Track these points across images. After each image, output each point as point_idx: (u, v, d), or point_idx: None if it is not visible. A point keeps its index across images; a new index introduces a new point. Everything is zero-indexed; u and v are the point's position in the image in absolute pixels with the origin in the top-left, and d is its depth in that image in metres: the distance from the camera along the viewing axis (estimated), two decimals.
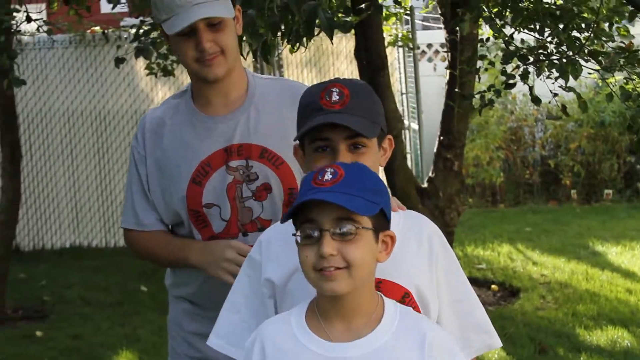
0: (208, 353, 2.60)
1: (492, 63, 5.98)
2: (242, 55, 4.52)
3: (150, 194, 3.06)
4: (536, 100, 5.38)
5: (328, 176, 2.23)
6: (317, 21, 4.15)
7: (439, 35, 10.55)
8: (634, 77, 5.26)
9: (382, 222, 2.29)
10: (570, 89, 5.17)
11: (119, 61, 7.65)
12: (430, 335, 2.27)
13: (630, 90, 5.23)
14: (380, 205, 2.27)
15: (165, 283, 3.27)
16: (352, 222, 2.21)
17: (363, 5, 5.74)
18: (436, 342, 2.27)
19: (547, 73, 5.33)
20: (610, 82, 5.45)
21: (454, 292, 2.58)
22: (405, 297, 2.45)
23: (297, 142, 2.57)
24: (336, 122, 2.38)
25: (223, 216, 2.97)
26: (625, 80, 5.40)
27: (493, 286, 8.14)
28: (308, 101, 2.48)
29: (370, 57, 6.90)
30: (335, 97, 2.41)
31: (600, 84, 5.64)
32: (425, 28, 14.18)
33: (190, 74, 3.05)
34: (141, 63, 9.52)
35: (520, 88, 5.74)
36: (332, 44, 5.67)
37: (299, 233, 2.25)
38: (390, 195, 2.42)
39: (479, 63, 6.43)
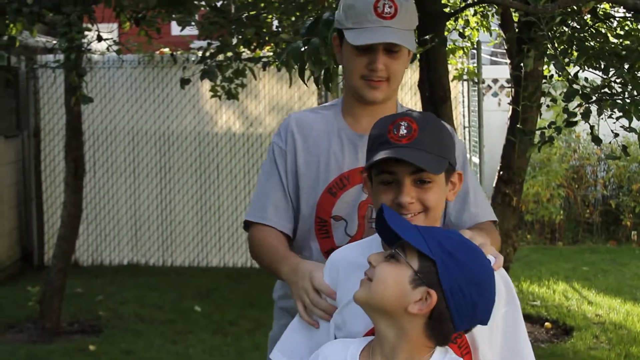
0: None
1: (554, 100, 5.97)
2: (304, 82, 4.59)
3: (288, 190, 3.05)
4: (597, 139, 5.36)
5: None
6: None
7: (505, 71, 10.54)
8: None
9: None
10: (632, 130, 5.15)
11: (184, 82, 7.76)
12: None
13: None
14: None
15: (274, 296, 3.23)
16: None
17: (427, 37, 5.77)
18: None
19: (609, 112, 5.30)
20: None
21: (509, 342, 2.53)
22: (457, 338, 2.42)
23: (365, 173, 2.60)
24: (398, 158, 2.41)
25: (348, 231, 2.98)
26: None
27: (547, 324, 8.09)
28: (377, 134, 2.51)
29: (434, 89, 6.91)
30: (402, 131, 2.42)
31: None
32: (493, 63, 14.18)
33: (348, 88, 3.06)
34: (207, 86, 9.64)
35: (585, 127, 5.72)
36: None
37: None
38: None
39: (542, 99, 6.42)
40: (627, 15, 5.76)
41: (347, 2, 2.99)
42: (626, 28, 5.95)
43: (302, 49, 4.54)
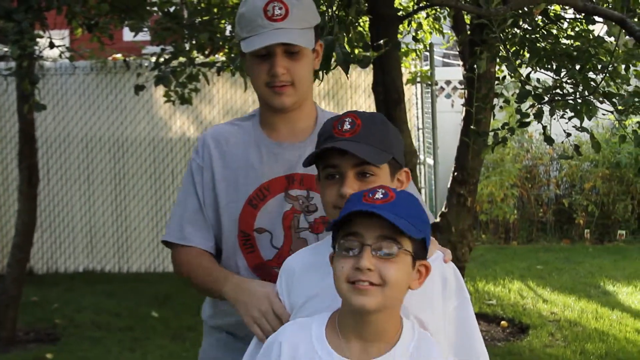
0: None
1: (507, 101, 6.03)
2: None
3: (206, 207, 3.00)
4: (549, 139, 5.42)
5: (379, 195, 2.29)
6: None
7: (458, 72, 10.61)
8: None
9: (421, 251, 2.33)
10: (584, 130, 5.21)
11: (139, 88, 7.74)
12: None
13: None
14: (424, 235, 2.32)
15: (203, 316, 3.21)
16: (395, 242, 2.25)
17: (382, 41, 5.80)
18: None
19: (561, 113, 5.37)
20: (628, 124, 5.49)
21: (462, 339, 2.58)
22: None
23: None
24: (339, 148, 2.45)
25: (274, 243, 2.94)
26: (638, 124, 5.44)
27: (503, 322, 8.15)
28: (323, 131, 2.56)
29: (388, 91, 6.95)
30: (346, 126, 2.48)
31: (617, 125, 5.68)
32: (445, 65, 14.27)
33: (259, 98, 3.01)
34: (160, 91, 9.61)
35: (537, 127, 5.79)
36: (348, 78, 5.72)
37: (339, 243, 2.30)
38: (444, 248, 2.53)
39: (495, 101, 6.48)
40: (578, 16, 5.83)
41: (239, 12, 2.94)
42: (577, 29, 6.02)
43: None
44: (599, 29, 5.73)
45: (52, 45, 6.89)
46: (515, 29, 5.57)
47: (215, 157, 3.00)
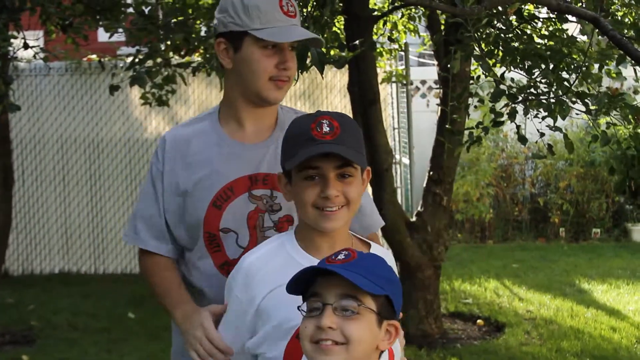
0: None
1: (482, 100, 6.05)
2: None
3: (165, 212, 3.04)
4: (523, 139, 5.45)
5: (341, 256, 2.27)
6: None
7: (433, 72, 10.64)
8: (618, 121, 5.34)
9: (387, 311, 2.30)
10: (557, 129, 5.24)
11: (114, 89, 7.73)
12: None
13: (611, 134, 5.31)
14: (387, 292, 2.29)
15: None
16: (356, 300, 2.23)
17: (357, 42, 5.82)
18: None
19: (535, 112, 5.40)
20: (602, 124, 5.53)
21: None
22: None
23: (281, 171, 2.66)
24: (334, 152, 2.48)
25: (240, 243, 2.95)
26: (607, 125, 5.49)
27: (479, 321, 8.19)
28: (298, 132, 2.56)
29: (363, 91, 6.98)
30: (326, 129, 2.50)
31: (591, 124, 5.72)
32: (420, 64, 14.30)
33: (240, 92, 3.00)
34: (136, 92, 9.61)
35: (512, 126, 5.82)
36: (323, 78, 5.74)
37: (304, 306, 2.29)
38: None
39: (470, 100, 6.51)
40: (551, 16, 5.86)
41: (248, 3, 2.92)
42: (550, 29, 6.06)
43: None
44: (573, 28, 5.77)
45: (26, 46, 6.87)
46: (490, 29, 5.60)
47: (177, 159, 3.02)
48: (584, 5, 5.16)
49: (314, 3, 5.48)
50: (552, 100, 5.30)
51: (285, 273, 2.43)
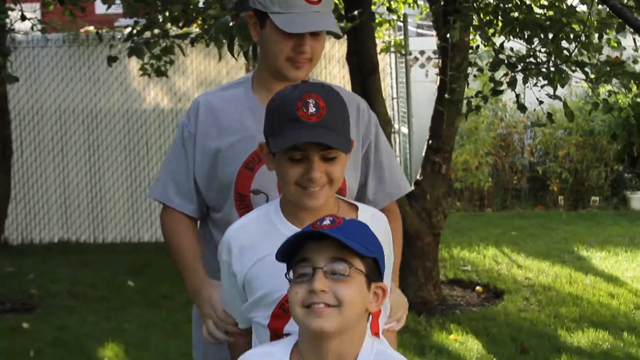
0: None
1: (481, 70, 6.05)
2: (233, 56, 4.60)
3: (195, 173, 3.08)
4: (522, 107, 5.46)
5: (327, 222, 2.28)
6: None
7: (432, 42, 10.63)
8: (619, 89, 5.35)
9: (374, 273, 2.31)
10: (556, 97, 5.25)
11: (112, 60, 7.71)
12: None
13: (612, 102, 5.31)
14: (375, 254, 2.30)
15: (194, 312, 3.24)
16: (347, 262, 2.24)
17: (356, 12, 5.81)
18: None
19: (534, 81, 5.40)
20: (601, 92, 5.54)
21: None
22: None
23: (263, 139, 2.68)
24: (318, 141, 2.48)
25: None
26: (608, 93, 5.49)
27: (478, 288, 8.22)
28: (283, 110, 2.54)
29: (362, 61, 6.97)
30: (312, 110, 2.47)
31: (590, 93, 5.72)
32: (419, 35, 14.27)
33: (266, 66, 3.06)
34: (134, 63, 9.60)
35: (511, 95, 5.82)
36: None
37: (293, 271, 2.28)
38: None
39: (469, 70, 6.51)
40: None
41: None
42: None
43: (231, 24, 4.56)
44: None
45: (23, 18, 6.85)
46: None
47: (210, 123, 3.06)
48: None
49: None
50: (552, 69, 5.30)
51: (269, 243, 2.47)
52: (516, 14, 5.62)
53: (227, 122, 3.05)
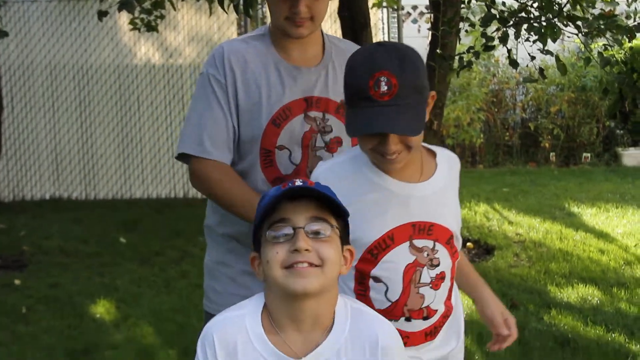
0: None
1: (473, 25, 6.02)
2: (225, 11, 4.57)
3: (232, 121, 3.03)
4: (514, 63, 5.43)
5: (299, 183, 2.22)
6: None
7: None
8: (614, 43, 5.33)
9: (345, 234, 2.28)
10: (548, 52, 5.23)
11: (102, 14, 7.64)
12: (382, 337, 2.25)
13: (608, 56, 5.29)
14: (348, 215, 2.28)
15: (207, 223, 3.23)
16: (326, 222, 2.20)
17: None
18: (388, 344, 2.26)
19: (527, 36, 5.38)
20: (594, 48, 5.52)
21: None
22: (450, 239, 2.63)
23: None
24: (388, 132, 2.43)
25: (293, 160, 3.03)
26: (603, 47, 5.46)
27: (468, 244, 8.24)
28: (357, 86, 2.49)
29: (354, 16, 6.93)
30: (383, 88, 2.41)
31: (583, 49, 5.68)
32: None
33: (274, 26, 3.07)
34: (124, 18, 9.53)
35: (503, 51, 5.80)
36: None
37: (265, 235, 2.21)
38: None
39: (461, 25, 6.47)
40: None
41: None
42: None
43: None
44: None
45: None
46: None
47: (238, 74, 3.03)
48: None
49: None
50: (544, 24, 5.28)
51: (357, 189, 2.50)
52: None
53: (251, 76, 3.03)
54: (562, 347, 5.55)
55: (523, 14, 5.45)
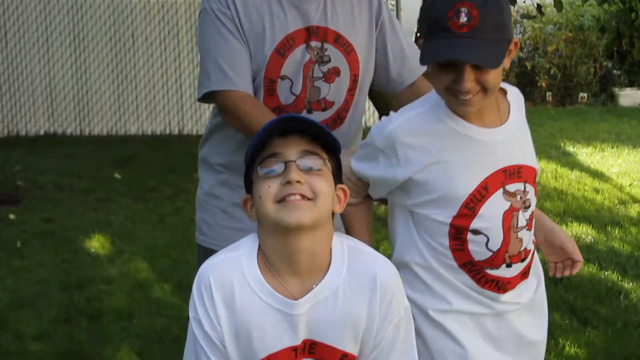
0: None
1: None
2: None
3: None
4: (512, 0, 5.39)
5: (463, 19, 2.20)
6: None
7: None
8: None
9: (338, 173, 2.25)
10: None
11: None
12: (380, 275, 2.23)
13: None
14: (340, 151, 2.24)
15: (201, 155, 3.18)
16: (318, 156, 2.18)
17: None
18: (386, 281, 2.23)
19: None
20: None
21: None
22: (535, 177, 2.55)
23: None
24: (463, 60, 2.33)
25: (293, 90, 2.97)
26: None
27: None
28: (433, 16, 2.38)
29: None
30: (463, 19, 2.30)
31: None
32: None
33: None
34: None
35: None
36: None
37: (256, 170, 2.18)
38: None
39: None
40: None
41: None
42: None
43: None
44: None
45: None
46: None
47: (239, 5, 2.96)
48: None
49: None
50: None
51: (441, 142, 2.41)
52: None
53: (254, 7, 2.97)
54: (556, 285, 5.57)
55: None
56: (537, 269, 2.63)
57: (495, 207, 2.45)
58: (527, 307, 2.57)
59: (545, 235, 2.71)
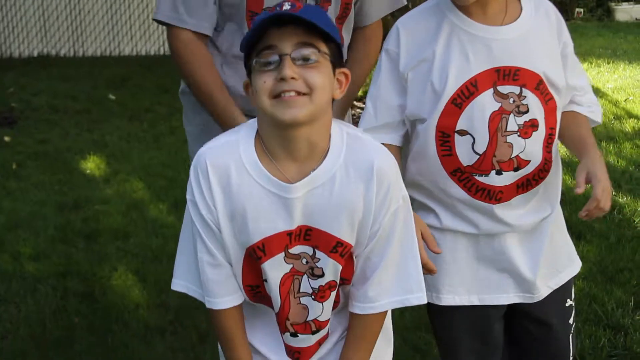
0: None
1: None
2: None
3: None
4: None
5: (287, 7, 2.12)
6: None
7: None
8: None
9: (338, 58, 2.20)
10: None
11: None
12: (377, 162, 2.20)
13: None
14: (337, 38, 2.19)
15: (183, 88, 3.03)
16: (314, 47, 2.12)
17: None
18: (382, 167, 2.20)
19: None
20: None
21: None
22: (540, 84, 2.47)
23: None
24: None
25: None
26: None
27: None
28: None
29: None
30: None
31: None
32: None
33: None
34: None
35: None
36: None
37: (253, 62, 2.13)
38: None
39: None
40: None
41: None
42: None
43: None
44: None
45: None
46: None
47: None
48: None
49: None
50: None
51: (437, 34, 2.44)
52: None
53: None
54: None
55: None
56: (550, 196, 2.59)
57: (483, 106, 2.42)
58: (526, 234, 2.56)
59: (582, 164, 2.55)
